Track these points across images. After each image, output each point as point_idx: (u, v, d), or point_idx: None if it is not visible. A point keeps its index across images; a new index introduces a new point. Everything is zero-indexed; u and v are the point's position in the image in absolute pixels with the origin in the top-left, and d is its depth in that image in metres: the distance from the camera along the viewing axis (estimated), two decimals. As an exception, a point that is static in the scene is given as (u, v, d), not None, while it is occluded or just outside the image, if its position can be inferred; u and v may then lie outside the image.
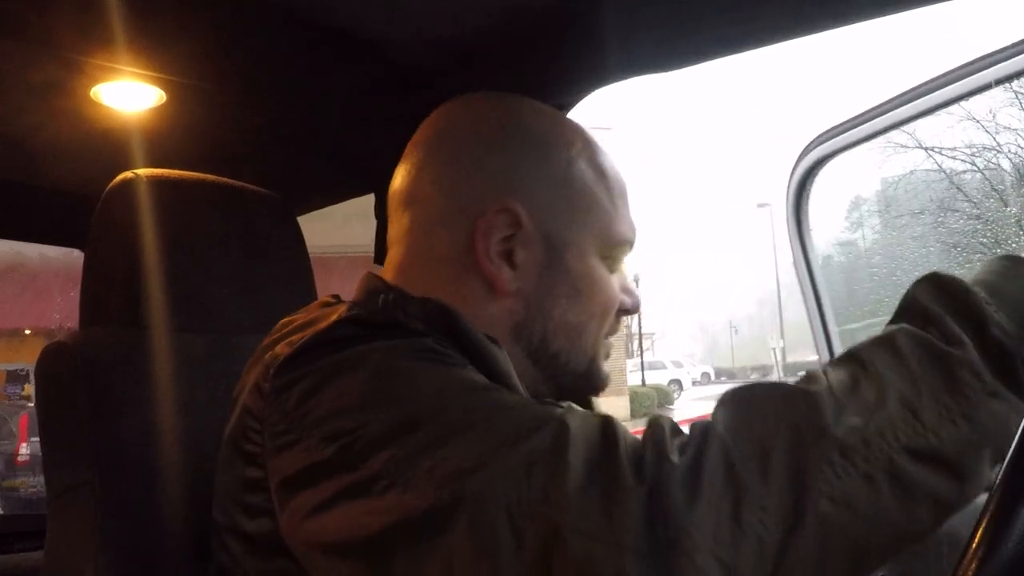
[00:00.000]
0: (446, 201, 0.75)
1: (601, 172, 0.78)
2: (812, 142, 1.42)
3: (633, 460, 0.51)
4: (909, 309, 0.60)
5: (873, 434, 0.52)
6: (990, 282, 0.60)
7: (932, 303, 0.59)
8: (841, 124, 1.37)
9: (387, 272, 0.79)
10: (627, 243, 0.80)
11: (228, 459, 0.69)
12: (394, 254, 0.79)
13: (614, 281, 0.79)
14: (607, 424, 0.55)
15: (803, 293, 1.56)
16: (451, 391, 0.59)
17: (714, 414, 0.55)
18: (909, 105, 1.26)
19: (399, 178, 0.80)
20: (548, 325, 0.76)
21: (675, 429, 0.55)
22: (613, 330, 0.82)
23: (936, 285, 0.60)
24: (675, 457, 0.51)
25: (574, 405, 0.61)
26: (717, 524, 0.48)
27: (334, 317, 0.66)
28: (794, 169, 1.46)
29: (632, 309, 0.82)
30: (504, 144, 0.76)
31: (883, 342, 0.58)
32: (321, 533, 0.59)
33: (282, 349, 0.66)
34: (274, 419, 0.63)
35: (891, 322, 0.61)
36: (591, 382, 0.80)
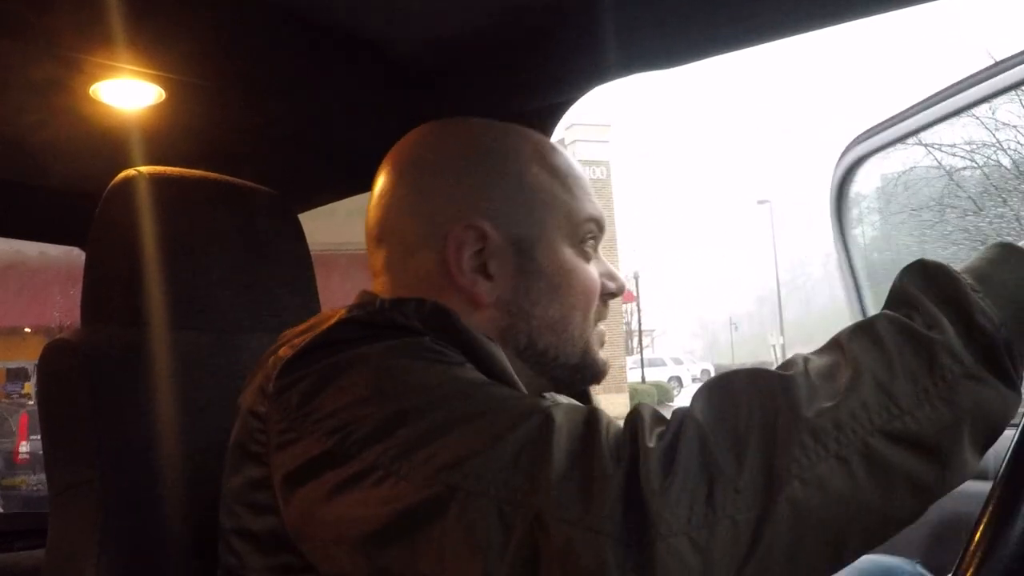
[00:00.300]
0: (416, 230, 0.79)
1: (553, 169, 0.81)
2: (852, 141, 1.46)
3: (613, 448, 0.53)
4: (896, 296, 0.61)
5: (845, 416, 0.52)
6: (979, 269, 0.60)
7: (917, 290, 0.59)
8: (878, 124, 1.39)
9: None
10: (592, 220, 0.82)
11: (234, 463, 0.71)
12: (378, 284, 0.83)
13: (592, 269, 0.81)
14: (591, 415, 0.56)
15: (844, 284, 1.59)
16: (446, 387, 0.61)
17: (692, 401, 0.57)
18: (941, 105, 1.27)
19: (371, 214, 0.83)
20: (532, 324, 0.78)
21: (656, 417, 0.56)
22: (601, 316, 0.84)
23: (923, 272, 0.61)
24: (652, 443, 0.52)
25: (559, 398, 0.63)
26: (691, 507, 0.49)
27: (334, 320, 0.68)
28: (836, 167, 1.50)
29: (617, 292, 0.84)
30: (459, 167, 0.80)
31: (863, 328, 0.58)
32: (322, 525, 0.61)
33: (284, 352, 0.68)
34: (277, 418, 0.65)
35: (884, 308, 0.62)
36: (589, 371, 0.82)
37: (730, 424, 0.53)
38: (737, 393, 0.56)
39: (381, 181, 0.84)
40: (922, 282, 0.60)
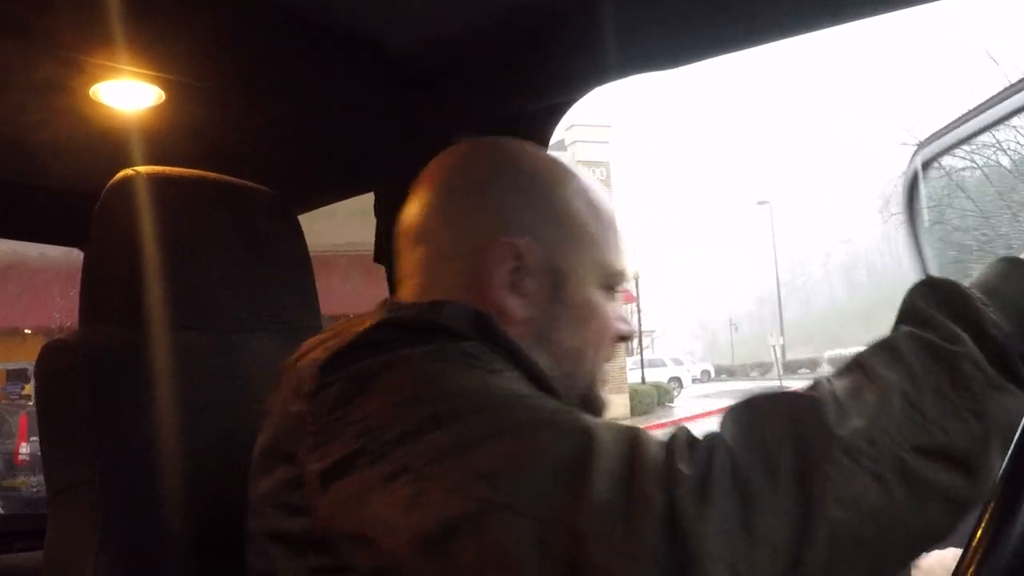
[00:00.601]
0: (456, 238, 0.80)
1: (595, 208, 0.83)
2: (922, 142, 1.48)
3: (653, 472, 0.52)
4: (907, 314, 0.61)
5: (879, 433, 0.52)
6: (987, 283, 0.61)
7: (929, 307, 0.60)
8: (945, 126, 1.40)
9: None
10: (621, 272, 0.84)
11: (264, 465, 0.71)
12: (408, 287, 0.82)
13: (610, 310, 0.83)
14: (637, 436, 0.56)
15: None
16: (485, 395, 0.61)
17: (721, 426, 0.56)
18: (1006, 103, 1.28)
19: (410, 215, 0.83)
20: (552, 351, 0.78)
21: (690, 441, 0.55)
22: (609, 356, 0.85)
23: (932, 289, 0.61)
24: (686, 468, 0.52)
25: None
26: (728, 534, 0.49)
27: (371, 322, 0.68)
28: (908, 168, 1.52)
29: (627, 335, 0.85)
30: (508, 184, 0.81)
31: (883, 346, 0.59)
32: (354, 524, 0.61)
33: (317, 354, 0.68)
34: (312, 419, 0.65)
35: (892, 329, 0.62)
36: (592, 407, 0.82)
37: (761, 446, 0.53)
38: (766, 415, 0.55)
39: (426, 185, 0.84)
40: (932, 298, 0.60)
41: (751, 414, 0.56)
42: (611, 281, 0.83)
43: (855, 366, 0.58)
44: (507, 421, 0.58)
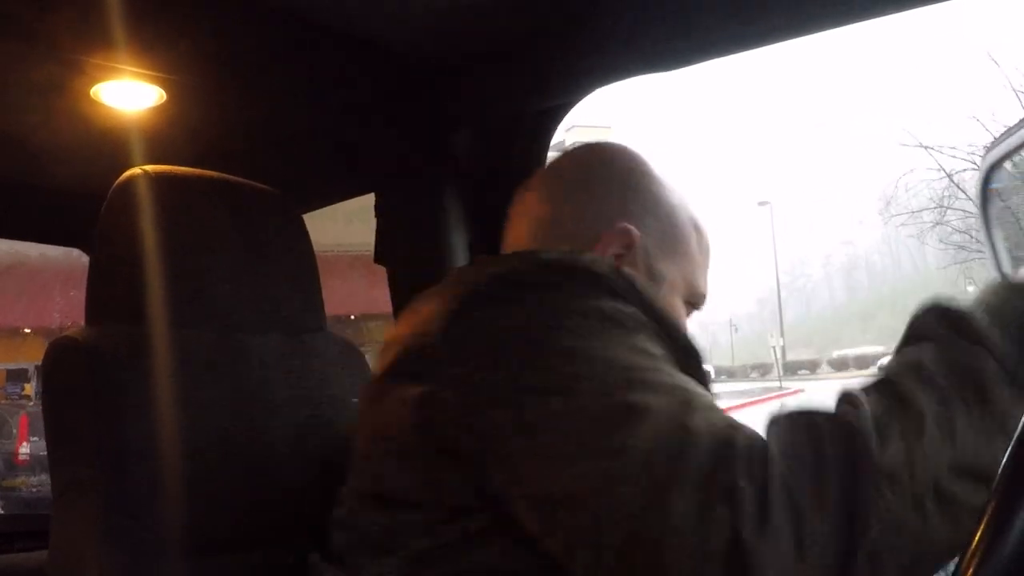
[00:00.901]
0: (573, 212, 0.86)
1: (697, 227, 0.90)
2: (995, 140, 1.49)
3: (726, 485, 0.53)
4: (922, 333, 0.63)
5: (918, 458, 0.54)
6: (989, 304, 0.63)
7: (939, 327, 0.62)
8: (1012, 127, 1.42)
9: None
10: (704, 295, 0.89)
11: (380, 391, 0.72)
12: (512, 249, 0.86)
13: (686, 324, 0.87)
14: (726, 440, 0.56)
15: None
16: (609, 368, 0.61)
17: (767, 434, 0.57)
18: None
19: (530, 190, 0.90)
20: None
21: (750, 451, 0.56)
22: None
23: (939, 310, 0.63)
24: (744, 483, 0.53)
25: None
26: (782, 554, 0.51)
27: (517, 258, 0.72)
28: (982, 166, 1.54)
29: None
30: (629, 180, 0.88)
31: (910, 365, 0.60)
32: (475, 452, 0.63)
33: (456, 289, 0.70)
34: (450, 343, 0.66)
35: (901, 346, 0.64)
36: None
37: (810, 469, 0.54)
38: (812, 435, 0.56)
39: (552, 169, 0.91)
40: (941, 319, 0.62)
41: (795, 433, 0.57)
42: (694, 299, 0.88)
43: (884, 385, 0.60)
44: (620, 402, 0.58)
